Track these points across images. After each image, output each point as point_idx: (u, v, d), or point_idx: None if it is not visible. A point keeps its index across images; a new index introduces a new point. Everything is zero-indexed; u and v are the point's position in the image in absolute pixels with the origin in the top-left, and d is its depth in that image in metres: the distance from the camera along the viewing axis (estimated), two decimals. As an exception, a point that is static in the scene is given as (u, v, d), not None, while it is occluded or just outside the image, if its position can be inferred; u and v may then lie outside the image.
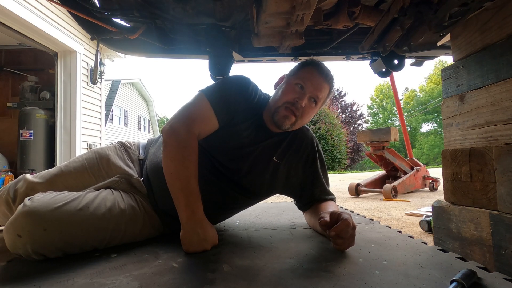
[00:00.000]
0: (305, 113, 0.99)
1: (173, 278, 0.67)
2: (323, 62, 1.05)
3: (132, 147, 1.17)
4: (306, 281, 0.65)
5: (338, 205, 1.15)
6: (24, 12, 3.38)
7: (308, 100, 0.98)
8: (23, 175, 1.04)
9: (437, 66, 29.24)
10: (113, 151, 1.11)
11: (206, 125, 0.96)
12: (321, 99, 1.01)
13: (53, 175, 1.03)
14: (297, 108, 0.97)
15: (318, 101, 1.00)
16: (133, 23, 1.16)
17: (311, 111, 1.01)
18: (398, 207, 3.07)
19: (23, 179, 1.01)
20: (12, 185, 1.02)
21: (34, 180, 1.01)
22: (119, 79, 13.86)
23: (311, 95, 0.98)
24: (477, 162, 1.03)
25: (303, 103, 0.97)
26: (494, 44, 1.00)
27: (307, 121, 1.04)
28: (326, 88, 1.02)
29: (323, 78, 1.00)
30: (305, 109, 0.98)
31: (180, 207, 0.86)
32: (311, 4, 0.81)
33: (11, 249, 0.79)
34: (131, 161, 1.11)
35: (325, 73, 1.01)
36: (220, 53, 1.21)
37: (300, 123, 1.02)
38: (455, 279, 0.61)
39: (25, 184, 1.00)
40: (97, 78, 4.83)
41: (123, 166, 1.06)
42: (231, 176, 1.02)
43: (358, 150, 20.82)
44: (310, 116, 1.02)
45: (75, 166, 1.05)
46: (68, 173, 1.04)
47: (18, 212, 0.78)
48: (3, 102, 4.80)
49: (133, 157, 1.13)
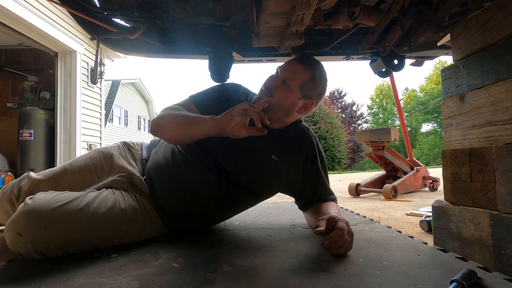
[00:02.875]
0: (278, 94, 0.99)
1: (173, 278, 0.67)
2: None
3: (136, 146, 1.19)
4: (306, 281, 0.65)
5: (338, 205, 1.15)
6: (24, 12, 3.38)
7: (280, 81, 1.00)
8: (27, 173, 1.04)
9: (437, 66, 29.25)
10: (117, 151, 1.12)
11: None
12: (292, 80, 0.99)
13: (57, 174, 1.04)
14: (269, 89, 1.01)
15: (290, 83, 0.98)
16: (133, 23, 1.16)
17: (283, 92, 0.99)
18: (398, 207, 3.07)
19: (27, 177, 1.02)
20: (16, 183, 1.03)
21: (38, 178, 1.01)
22: (119, 79, 13.86)
23: (282, 76, 1.00)
24: (477, 162, 1.03)
25: (273, 83, 1.00)
26: (494, 44, 1.00)
27: (284, 104, 1.00)
28: (302, 71, 1.00)
29: (298, 63, 1.01)
30: (277, 90, 0.99)
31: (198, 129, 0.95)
32: (311, 4, 0.81)
33: (11, 248, 0.80)
34: (134, 160, 1.13)
35: (303, 59, 1.02)
36: (220, 53, 1.20)
37: (277, 107, 1.00)
38: (455, 279, 0.61)
39: (29, 182, 1.00)
40: (97, 78, 4.83)
41: (126, 165, 1.07)
42: (230, 175, 1.02)
43: (358, 150, 20.83)
44: (284, 98, 0.99)
45: (79, 165, 1.06)
46: (72, 171, 1.05)
47: (19, 211, 0.78)
48: (3, 102, 4.80)
49: (136, 156, 1.15)
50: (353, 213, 1.48)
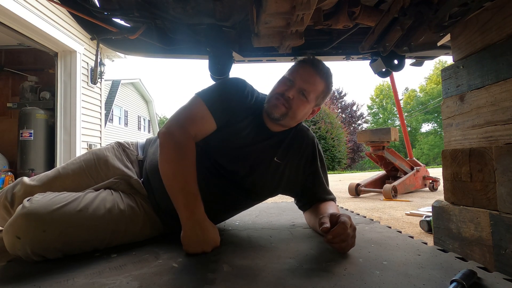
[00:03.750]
0: (295, 105, 0.98)
1: (173, 278, 0.67)
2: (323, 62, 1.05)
3: (131, 147, 1.15)
4: (306, 281, 0.65)
5: (338, 205, 1.16)
6: (24, 12, 3.38)
7: (296, 92, 0.97)
8: (21, 179, 1.03)
9: (437, 66, 29.24)
10: (111, 152, 1.09)
11: (202, 125, 0.97)
12: (310, 92, 0.98)
13: (51, 178, 1.02)
14: (286, 99, 0.97)
15: (307, 95, 0.98)
16: (133, 23, 1.16)
17: (301, 103, 0.98)
18: (398, 207, 3.07)
19: (21, 183, 1.00)
20: (9, 189, 1.01)
21: (32, 184, 1.00)
22: (119, 79, 13.84)
23: (300, 87, 0.98)
24: (477, 162, 1.03)
25: (291, 94, 0.97)
26: (494, 44, 1.00)
27: (299, 114, 1.00)
28: (319, 82, 0.99)
29: (314, 72, 0.99)
30: (294, 101, 0.97)
31: (179, 208, 0.86)
32: (311, 4, 0.81)
33: (10, 251, 0.79)
34: (130, 162, 1.09)
35: (319, 68, 0.99)
36: (220, 53, 1.21)
37: (292, 116, 0.99)
38: (455, 279, 0.61)
39: (22, 188, 0.99)
40: (97, 78, 4.83)
41: (122, 167, 1.05)
42: (232, 178, 1.02)
43: (358, 150, 20.82)
44: (301, 109, 0.99)
45: (73, 168, 1.04)
46: (66, 175, 1.03)
47: (17, 214, 0.78)
48: (3, 102, 4.80)
49: (132, 157, 1.12)
50: (353, 213, 1.48)
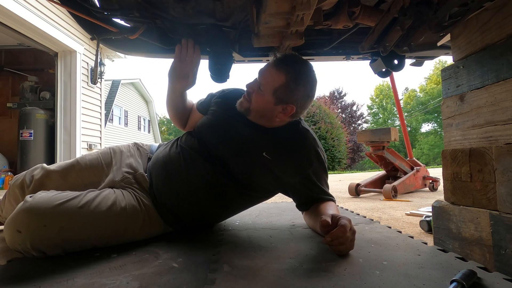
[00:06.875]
0: (253, 98, 1.02)
1: (173, 278, 0.67)
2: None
3: (144, 146, 1.30)
4: (306, 281, 0.65)
5: (338, 205, 1.15)
6: (24, 12, 3.38)
7: (257, 86, 1.01)
8: (41, 164, 1.12)
9: (437, 66, 29.24)
10: (126, 149, 1.22)
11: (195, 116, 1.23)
12: (264, 84, 0.99)
13: (69, 165, 1.10)
14: (247, 94, 1.04)
15: (262, 87, 1.00)
16: (133, 23, 1.16)
17: (258, 97, 1.01)
18: (398, 207, 3.07)
19: (41, 167, 1.09)
20: (29, 172, 1.09)
21: (51, 168, 1.08)
22: (119, 79, 13.84)
23: (259, 82, 1.02)
24: (477, 162, 1.03)
25: (250, 89, 1.03)
26: (494, 44, 1.00)
27: (257, 107, 1.02)
28: (274, 74, 0.98)
29: (271, 66, 1.00)
30: (253, 95, 1.02)
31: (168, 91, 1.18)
32: (311, 4, 0.81)
33: (10, 245, 0.80)
34: (141, 157, 1.21)
35: (278, 62, 1.00)
36: (220, 53, 1.20)
37: (253, 109, 1.03)
38: (455, 279, 0.61)
39: (42, 171, 1.06)
40: (97, 78, 4.83)
41: (132, 161, 1.15)
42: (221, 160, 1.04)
43: (358, 150, 20.82)
44: (258, 102, 1.01)
45: (90, 159, 1.14)
46: (83, 164, 1.11)
47: (19, 208, 0.79)
48: (3, 102, 4.81)
49: (143, 154, 1.25)
50: (353, 213, 1.48)
